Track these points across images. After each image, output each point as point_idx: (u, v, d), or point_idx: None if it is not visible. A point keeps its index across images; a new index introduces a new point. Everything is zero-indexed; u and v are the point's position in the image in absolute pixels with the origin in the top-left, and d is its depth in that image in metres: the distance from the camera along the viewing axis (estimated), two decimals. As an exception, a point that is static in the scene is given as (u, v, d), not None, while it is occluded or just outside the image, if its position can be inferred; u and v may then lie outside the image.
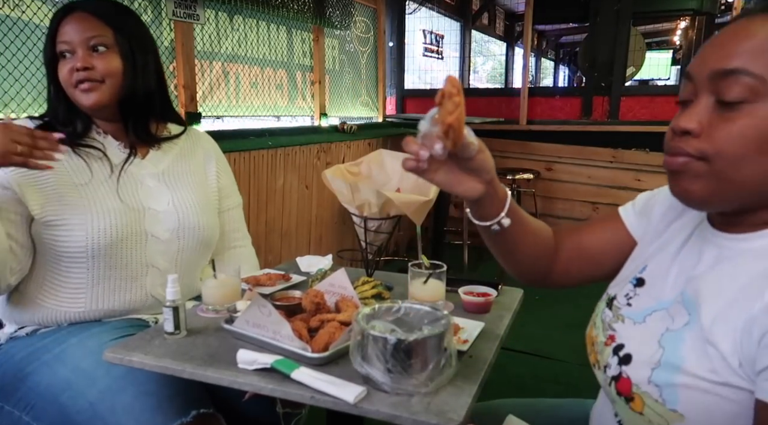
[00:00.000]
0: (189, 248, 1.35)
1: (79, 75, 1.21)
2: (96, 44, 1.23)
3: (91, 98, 1.23)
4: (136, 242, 1.26)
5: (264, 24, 3.10)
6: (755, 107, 0.62)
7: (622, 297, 0.83)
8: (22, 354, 1.19)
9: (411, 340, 0.79)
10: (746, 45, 0.63)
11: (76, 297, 1.24)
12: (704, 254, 0.72)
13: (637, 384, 0.70)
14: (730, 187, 0.65)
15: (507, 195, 0.86)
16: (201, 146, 1.48)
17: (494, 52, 10.13)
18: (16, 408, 1.13)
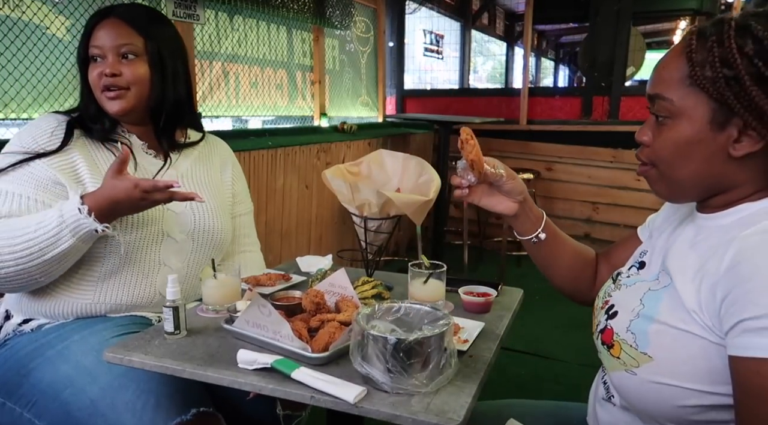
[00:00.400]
0: (202, 250, 1.37)
1: (106, 81, 1.25)
2: (126, 52, 1.26)
3: (115, 105, 1.27)
4: (152, 241, 1.28)
5: (264, 24, 3.10)
6: (674, 122, 0.78)
7: (624, 274, 0.96)
8: (26, 350, 1.19)
9: (411, 340, 0.80)
10: (662, 74, 0.80)
11: (86, 289, 1.25)
12: (688, 232, 0.85)
13: (618, 333, 0.84)
14: (678, 185, 0.82)
15: (543, 214, 1.11)
16: (218, 153, 1.52)
17: (494, 52, 10.13)
18: (18, 404, 1.13)
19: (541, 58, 12.78)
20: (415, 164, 1.40)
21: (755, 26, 0.71)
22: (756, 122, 0.72)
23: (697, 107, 0.76)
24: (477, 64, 10.12)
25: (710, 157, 0.77)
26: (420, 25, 6.70)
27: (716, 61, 0.72)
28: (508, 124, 4.55)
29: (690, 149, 0.78)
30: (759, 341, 0.65)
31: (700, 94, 0.75)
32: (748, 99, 0.71)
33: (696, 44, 0.75)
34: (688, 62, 0.76)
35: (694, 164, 0.78)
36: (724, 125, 0.74)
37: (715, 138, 0.76)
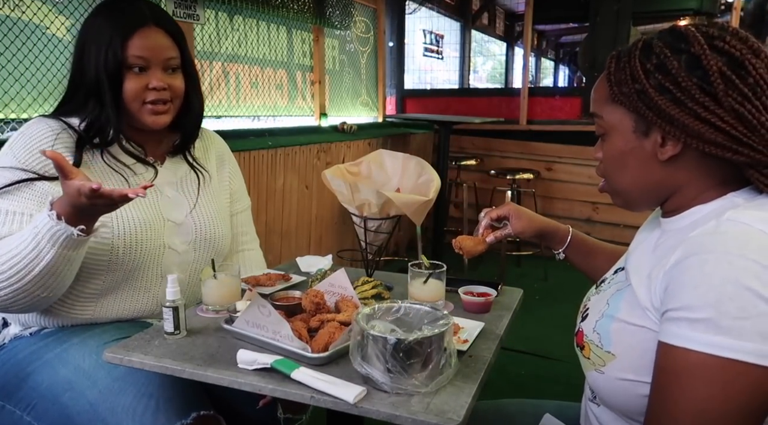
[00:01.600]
0: (203, 259, 1.34)
1: (156, 95, 1.20)
2: (172, 65, 1.23)
3: (161, 119, 1.23)
4: (154, 254, 1.25)
5: (264, 24, 3.10)
6: (608, 137, 0.87)
7: (607, 280, 0.99)
8: (25, 353, 1.19)
9: (411, 340, 0.80)
10: (594, 96, 0.89)
11: (86, 306, 1.23)
12: (654, 236, 0.90)
13: (586, 334, 0.89)
14: (626, 194, 0.90)
15: (568, 233, 1.21)
16: (214, 149, 1.48)
17: (494, 52, 10.13)
18: (18, 407, 1.13)
19: (541, 58, 12.78)
20: (415, 164, 1.40)
21: (656, 43, 0.80)
22: (668, 126, 0.78)
23: (622, 121, 0.84)
24: (477, 64, 10.12)
25: (644, 164, 0.84)
26: (420, 25, 6.70)
27: (627, 78, 0.81)
28: (508, 124, 4.55)
29: (625, 159, 0.85)
30: (673, 329, 0.71)
31: (620, 108, 0.83)
32: (656, 108, 0.78)
33: (614, 66, 0.84)
34: (607, 82, 0.84)
35: (632, 172, 0.86)
36: (647, 132, 0.82)
37: (642, 146, 0.83)
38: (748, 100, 0.74)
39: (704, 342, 0.67)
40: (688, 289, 0.70)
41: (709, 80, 0.75)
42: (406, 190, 1.36)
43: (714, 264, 0.69)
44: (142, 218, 1.23)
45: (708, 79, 0.75)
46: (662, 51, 0.78)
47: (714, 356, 0.67)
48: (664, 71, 0.77)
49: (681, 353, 0.69)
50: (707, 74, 0.75)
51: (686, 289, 0.70)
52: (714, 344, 0.67)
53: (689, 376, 0.68)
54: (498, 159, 4.48)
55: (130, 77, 1.19)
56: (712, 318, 0.67)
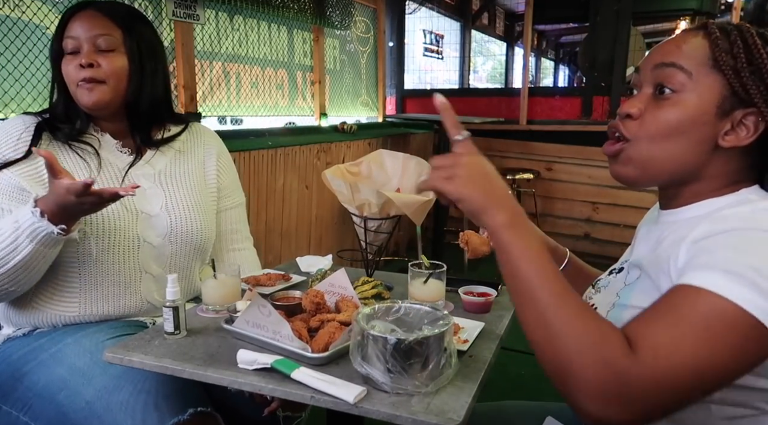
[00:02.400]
0: (182, 253, 1.33)
1: (83, 72, 1.20)
2: (103, 43, 1.22)
3: (92, 98, 1.21)
4: (128, 247, 1.24)
5: (264, 24, 3.10)
6: (680, 97, 0.78)
7: (603, 280, 0.99)
8: (19, 353, 1.18)
9: (411, 340, 0.79)
10: (683, 47, 0.79)
11: (70, 301, 1.23)
12: (654, 232, 0.87)
13: None
14: (653, 165, 0.81)
15: (565, 255, 1.14)
16: (202, 143, 1.45)
17: (494, 52, 10.13)
18: (14, 408, 1.13)
19: (541, 58, 12.77)
20: (415, 164, 1.40)
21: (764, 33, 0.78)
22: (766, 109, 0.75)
23: (712, 89, 0.77)
24: (477, 64, 10.12)
25: (701, 140, 0.78)
26: (420, 25, 6.70)
27: (741, 54, 0.76)
28: (508, 124, 4.55)
29: (687, 128, 0.78)
30: (704, 275, 0.66)
31: (719, 77, 0.77)
32: (766, 92, 0.75)
33: (719, 33, 0.78)
34: (712, 46, 0.77)
35: (683, 144, 0.79)
36: (728, 113, 0.77)
37: (714, 124, 0.78)
38: None
39: (735, 292, 0.64)
40: (728, 250, 0.68)
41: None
42: (406, 190, 1.36)
43: (759, 239, 0.67)
44: (114, 207, 1.22)
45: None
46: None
47: (739, 306, 0.63)
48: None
49: (704, 295, 0.65)
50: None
51: (726, 250, 0.68)
52: (744, 296, 0.63)
53: (704, 316, 0.64)
54: (498, 159, 4.48)
55: (65, 61, 1.22)
56: (752, 278, 0.64)
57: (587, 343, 0.65)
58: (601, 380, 0.63)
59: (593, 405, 0.63)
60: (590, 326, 0.66)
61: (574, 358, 0.65)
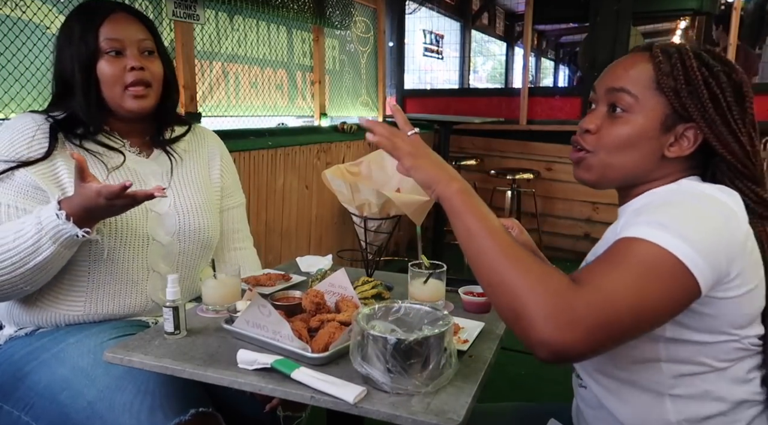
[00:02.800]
0: (189, 251, 1.34)
1: (135, 75, 1.21)
2: (146, 48, 1.24)
3: (141, 102, 1.24)
4: (138, 246, 1.25)
5: (264, 24, 3.10)
6: (630, 116, 0.90)
7: None
8: (21, 353, 1.18)
9: (411, 340, 0.80)
10: (630, 73, 0.91)
11: (75, 301, 1.23)
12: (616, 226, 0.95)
13: None
14: (611, 171, 0.93)
15: None
16: (206, 144, 1.47)
17: (494, 52, 10.12)
18: (16, 407, 1.13)
19: (541, 58, 12.77)
20: (415, 164, 1.40)
21: (705, 56, 0.89)
22: (706, 128, 0.87)
23: (656, 109, 0.89)
24: (477, 64, 10.11)
25: (649, 152, 0.91)
26: (420, 25, 6.70)
27: (680, 76, 0.87)
28: (508, 124, 4.55)
29: (636, 142, 0.90)
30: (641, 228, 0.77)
31: (661, 98, 0.89)
32: (703, 110, 0.87)
33: (662, 58, 0.89)
34: (655, 69, 0.89)
35: (635, 155, 0.91)
36: (671, 128, 0.89)
37: (659, 138, 0.90)
38: (755, 130, 0.91)
39: (662, 238, 0.75)
40: (658, 209, 0.80)
41: (744, 106, 0.89)
42: (406, 190, 1.36)
43: (681, 201, 0.82)
44: None
45: (743, 104, 0.89)
46: (715, 65, 0.88)
47: (666, 250, 0.74)
48: (717, 83, 0.87)
49: (638, 242, 0.76)
50: (744, 99, 0.89)
51: (653, 209, 0.80)
52: (669, 241, 0.74)
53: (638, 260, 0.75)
54: (498, 159, 4.48)
55: (106, 62, 1.21)
56: (674, 226, 0.76)
57: (535, 280, 0.73)
58: (549, 306, 0.71)
59: (546, 332, 0.70)
60: (537, 268, 0.75)
61: (524, 294, 0.73)
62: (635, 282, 0.73)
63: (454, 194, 0.82)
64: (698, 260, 0.74)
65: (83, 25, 1.21)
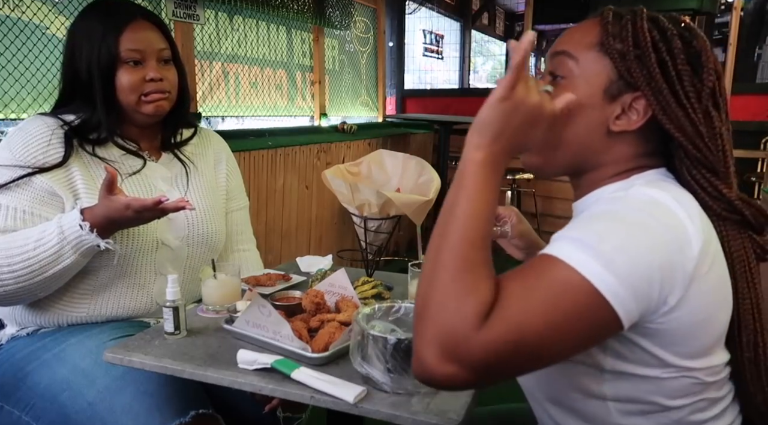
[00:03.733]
0: (197, 255, 1.34)
1: (153, 86, 1.22)
2: (164, 57, 1.25)
3: (158, 110, 1.25)
4: (147, 250, 1.25)
5: (264, 24, 3.10)
6: (569, 83, 0.80)
7: None
8: (22, 353, 1.18)
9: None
10: (574, 35, 0.82)
11: (80, 302, 1.23)
12: None
13: None
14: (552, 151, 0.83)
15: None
16: (212, 147, 1.48)
17: (494, 52, 10.13)
18: (16, 407, 1.13)
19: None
20: (415, 164, 1.40)
21: (662, 20, 0.79)
22: (652, 98, 0.77)
23: (599, 74, 0.79)
24: (477, 64, 10.11)
25: (592, 126, 0.80)
26: (420, 25, 6.70)
27: (628, 38, 0.78)
28: (508, 124, 4.54)
29: (577, 112, 0.79)
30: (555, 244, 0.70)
31: (606, 62, 0.79)
32: (649, 77, 0.77)
33: (612, 18, 0.80)
34: (602, 30, 0.80)
35: (574, 129, 0.80)
36: (615, 97, 0.79)
37: (602, 108, 0.79)
38: (717, 109, 0.78)
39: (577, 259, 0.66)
40: (583, 223, 0.72)
41: (701, 76, 0.77)
42: (406, 190, 1.36)
43: (612, 213, 0.71)
44: None
45: (701, 75, 0.77)
46: (669, 28, 0.78)
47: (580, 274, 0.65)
48: (668, 48, 0.77)
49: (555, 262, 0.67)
50: (702, 70, 0.77)
51: (581, 223, 0.72)
52: (584, 263, 0.66)
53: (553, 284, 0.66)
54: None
55: (125, 71, 1.21)
56: (592, 242, 0.67)
57: (452, 295, 0.66)
58: (445, 332, 0.64)
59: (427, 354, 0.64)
60: (465, 280, 0.67)
61: (432, 307, 0.66)
62: (544, 310, 0.65)
63: (469, 160, 0.72)
64: (619, 289, 0.65)
65: (104, 29, 1.20)
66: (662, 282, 0.67)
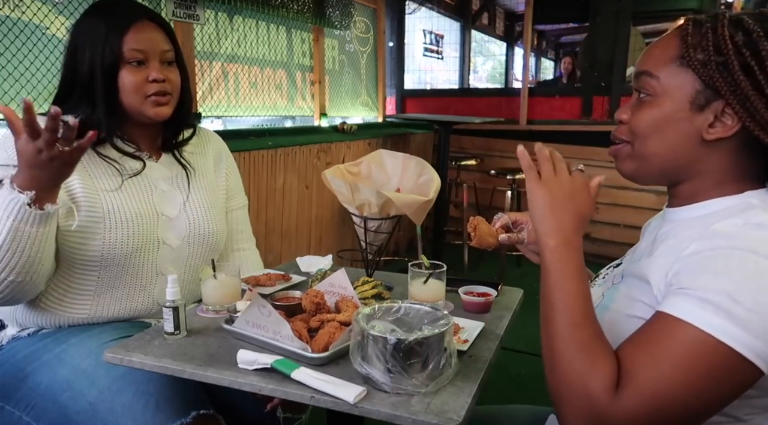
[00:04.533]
0: (197, 254, 1.34)
1: (156, 86, 1.22)
2: (168, 58, 1.25)
3: (161, 111, 1.25)
4: (149, 250, 1.25)
5: (264, 24, 3.10)
6: (655, 100, 0.82)
7: (603, 273, 1.03)
8: (23, 353, 1.18)
9: (411, 340, 0.80)
10: (654, 53, 0.84)
11: (82, 304, 1.23)
12: (656, 229, 0.91)
13: None
14: (647, 162, 0.84)
15: None
16: (211, 146, 1.48)
17: (494, 52, 10.12)
18: (17, 408, 1.13)
19: (541, 58, 12.78)
20: (415, 164, 1.40)
21: (747, 20, 0.76)
22: (739, 106, 0.75)
23: (683, 87, 0.79)
24: (477, 64, 10.11)
25: (684, 137, 0.80)
26: (420, 25, 6.70)
27: (709, 46, 0.77)
28: (508, 124, 4.55)
29: (667, 126, 0.81)
30: (681, 303, 0.70)
31: (688, 74, 0.79)
32: (734, 85, 0.75)
33: (692, 29, 0.79)
34: (681, 43, 0.79)
35: (668, 141, 0.81)
36: (703, 107, 0.78)
37: (692, 119, 0.79)
38: None
39: (710, 323, 0.67)
40: (707, 274, 0.70)
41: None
42: (406, 190, 1.36)
43: (739, 260, 0.69)
44: (135, 210, 1.23)
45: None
46: (755, 30, 0.75)
47: (715, 338, 0.66)
48: (754, 51, 0.74)
49: (683, 327, 0.68)
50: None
51: (705, 274, 0.70)
52: (719, 327, 0.66)
53: (685, 350, 0.67)
54: (498, 159, 4.48)
55: (128, 71, 1.21)
56: (725, 305, 0.67)
57: (575, 376, 0.70)
58: (581, 417, 0.69)
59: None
60: (582, 360, 0.71)
61: (563, 389, 0.71)
62: (685, 381, 0.66)
63: (544, 250, 0.80)
64: (756, 344, 0.65)
65: (108, 28, 1.20)
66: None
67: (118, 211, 1.21)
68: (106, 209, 1.19)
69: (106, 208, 1.20)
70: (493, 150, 4.54)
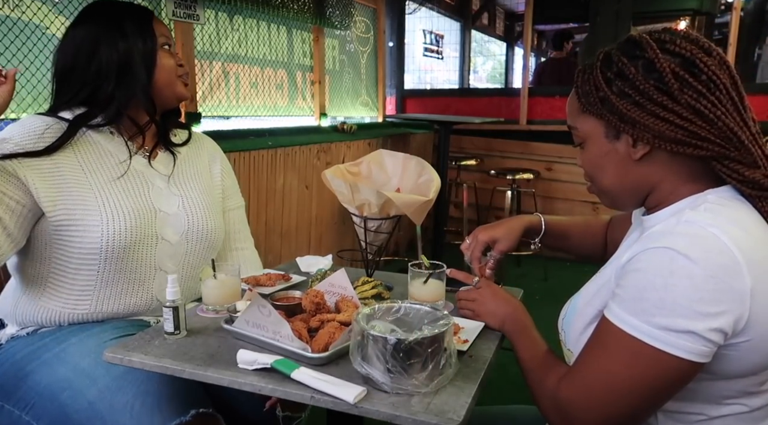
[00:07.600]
0: (196, 251, 1.35)
1: (183, 69, 1.35)
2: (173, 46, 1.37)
3: (189, 91, 1.38)
4: (147, 245, 1.26)
5: (264, 24, 3.10)
6: (586, 145, 0.93)
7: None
8: (23, 353, 1.19)
9: (411, 340, 0.80)
10: (568, 109, 0.97)
11: (81, 300, 1.23)
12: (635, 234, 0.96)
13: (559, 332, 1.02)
14: (609, 194, 0.94)
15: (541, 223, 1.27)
16: (205, 148, 1.50)
17: (494, 52, 10.12)
18: (17, 407, 1.13)
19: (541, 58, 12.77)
20: (415, 164, 1.40)
21: (614, 53, 0.86)
22: (632, 128, 0.83)
23: (594, 129, 0.90)
24: (477, 64, 10.11)
25: (620, 165, 0.89)
26: (420, 25, 6.70)
27: (591, 89, 0.87)
28: (508, 124, 4.55)
29: (603, 163, 0.90)
30: (610, 304, 0.80)
31: (590, 117, 0.89)
32: (619, 112, 0.84)
33: (580, 80, 0.90)
34: (576, 96, 0.91)
35: (611, 173, 0.90)
36: (618, 136, 0.87)
37: (616, 149, 0.88)
38: (703, 96, 0.80)
39: (623, 319, 0.77)
40: (630, 274, 0.78)
41: (664, 81, 0.80)
42: (406, 190, 1.36)
43: (658, 257, 0.75)
44: (133, 206, 1.24)
45: (663, 80, 0.80)
46: (620, 59, 0.84)
47: (627, 333, 0.76)
48: (623, 77, 0.83)
49: (606, 324, 0.80)
50: (662, 76, 0.80)
51: (629, 274, 0.78)
52: (629, 323, 0.76)
53: (607, 346, 0.79)
54: (498, 159, 4.48)
55: (164, 54, 1.30)
56: (634, 301, 0.76)
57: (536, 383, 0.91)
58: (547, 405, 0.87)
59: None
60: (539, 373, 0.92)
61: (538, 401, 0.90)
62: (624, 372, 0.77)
63: (510, 333, 1.03)
64: (686, 344, 0.72)
65: (137, 22, 1.28)
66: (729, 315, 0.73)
67: (113, 204, 1.21)
68: (100, 202, 1.20)
69: (100, 201, 1.20)
70: (493, 150, 4.54)
